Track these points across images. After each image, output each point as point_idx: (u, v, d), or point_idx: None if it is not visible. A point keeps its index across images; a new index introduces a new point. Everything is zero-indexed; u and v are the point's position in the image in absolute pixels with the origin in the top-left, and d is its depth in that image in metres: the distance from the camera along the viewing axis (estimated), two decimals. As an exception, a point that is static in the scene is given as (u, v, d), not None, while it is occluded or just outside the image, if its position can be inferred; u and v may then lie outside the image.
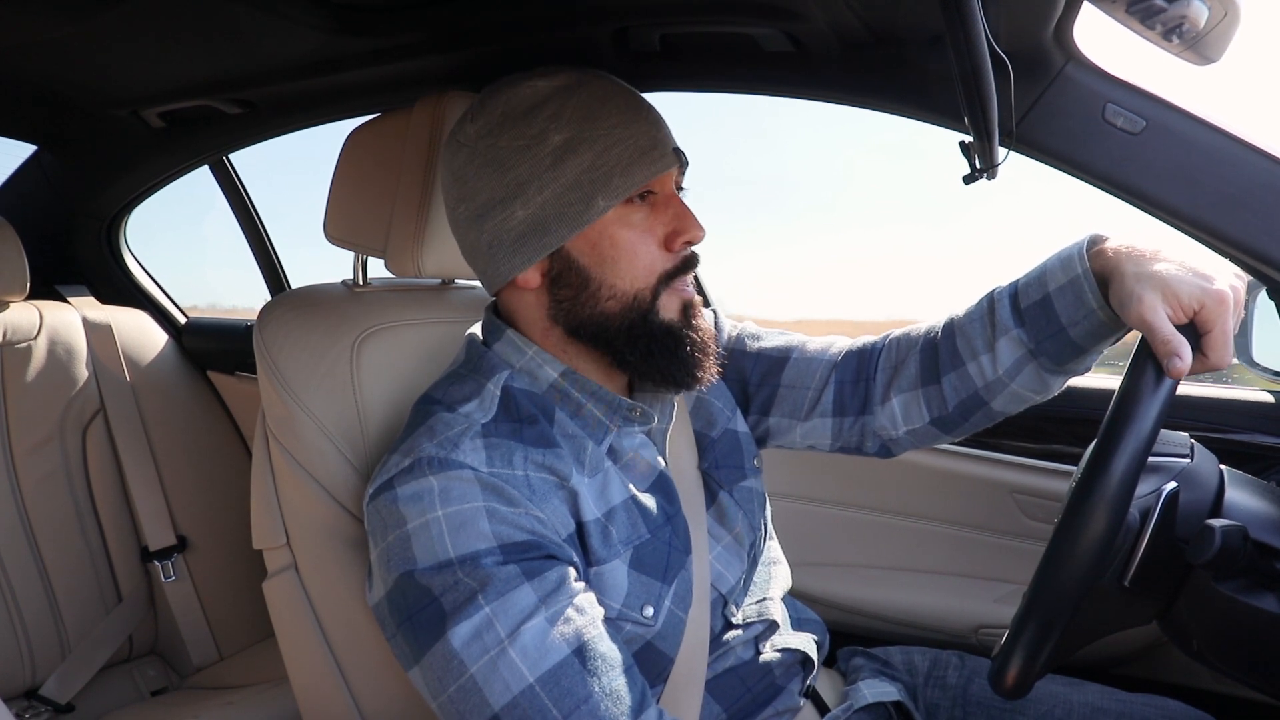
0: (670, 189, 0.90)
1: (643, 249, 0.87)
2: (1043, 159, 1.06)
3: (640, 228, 0.87)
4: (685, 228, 0.88)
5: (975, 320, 0.94)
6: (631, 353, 0.88)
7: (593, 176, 0.84)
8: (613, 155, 0.84)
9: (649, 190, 0.88)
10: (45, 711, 1.62)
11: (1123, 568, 0.82)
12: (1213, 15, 0.82)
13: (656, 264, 0.88)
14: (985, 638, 1.47)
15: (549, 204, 0.85)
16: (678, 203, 0.90)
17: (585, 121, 0.85)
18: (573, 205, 0.85)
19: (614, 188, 0.85)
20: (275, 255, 2.12)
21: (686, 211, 0.89)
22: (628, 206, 0.87)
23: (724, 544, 0.97)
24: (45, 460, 1.70)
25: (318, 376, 0.99)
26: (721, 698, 0.92)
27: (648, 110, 0.89)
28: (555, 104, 0.85)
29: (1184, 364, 0.72)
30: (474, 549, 0.75)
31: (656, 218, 0.88)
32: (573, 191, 0.84)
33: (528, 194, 0.85)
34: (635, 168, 0.85)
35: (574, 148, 0.84)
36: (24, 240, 1.68)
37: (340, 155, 1.11)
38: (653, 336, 0.88)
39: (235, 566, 1.87)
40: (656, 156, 0.86)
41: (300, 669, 1.03)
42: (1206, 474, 0.87)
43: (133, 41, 1.30)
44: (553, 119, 0.85)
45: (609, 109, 0.86)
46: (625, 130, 0.85)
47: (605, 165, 0.84)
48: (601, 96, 0.86)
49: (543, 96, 0.86)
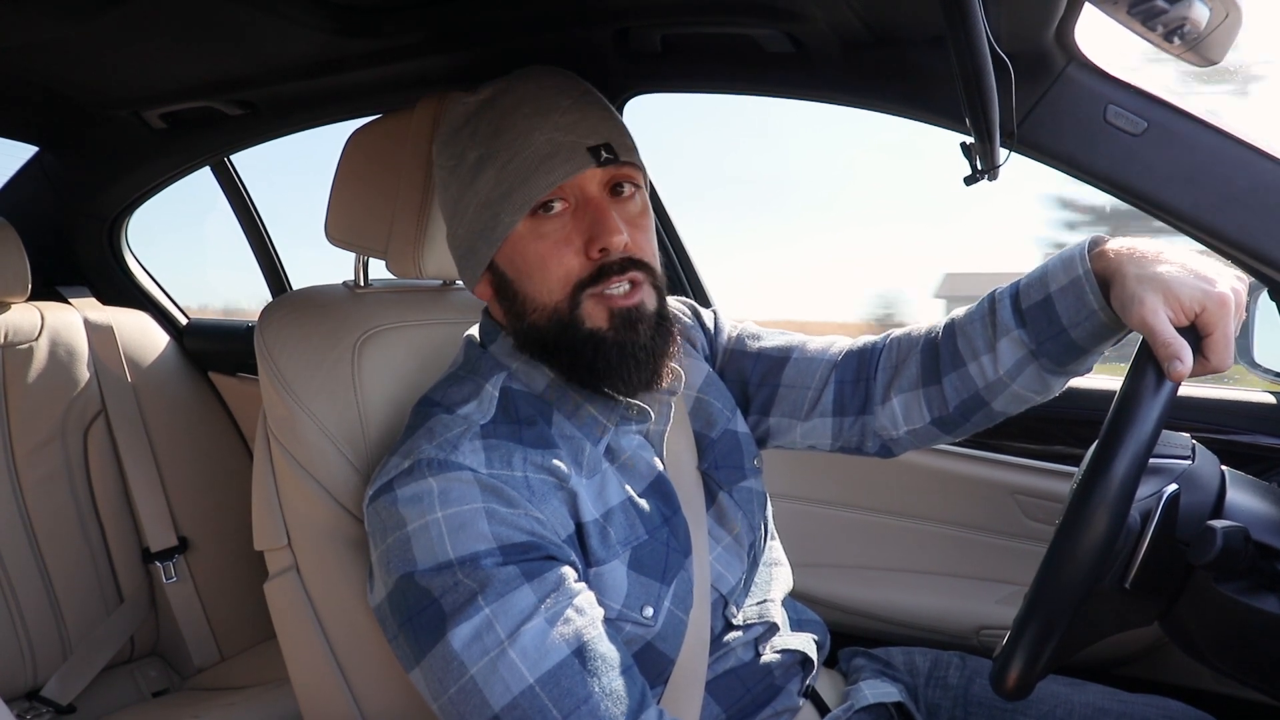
0: (590, 192, 0.86)
1: (554, 260, 0.84)
2: (1044, 160, 1.06)
3: (554, 238, 0.84)
4: (599, 234, 0.83)
5: (976, 320, 0.94)
6: (559, 363, 0.88)
7: (498, 192, 0.84)
8: (512, 168, 0.83)
9: (560, 197, 0.84)
10: (47, 712, 1.62)
11: (1124, 569, 0.82)
12: (1214, 16, 0.82)
13: (571, 273, 0.84)
14: (987, 639, 1.46)
15: (472, 222, 0.87)
16: (595, 207, 0.85)
17: (493, 136, 0.85)
18: (487, 223, 0.86)
19: (514, 202, 0.83)
20: (276, 256, 2.12)
21: (603, 216, 0.84)
22: (538, 218, 0.84)
23: (724, 545, 0.97)
24: (47, 461, 1.70)
25: (319, 378, 0.99)
26: (721, 698, 0.92)
27: (563, 113, 0.85)
28: (475, 120, 0.87)
29: (1185, 367, 0.72)
30: (474, 550, 0.75)
31: (574, 225, 0.85)
32: (486, 209, 0.85)
33: (459, 212, 0.89)
34: (532, 179, 0.83)
35: (482, 165, 0.85)
36: (25, 241, 1.68)
37: (341, 156, 1.11)
38: (575, 347, 0.85)
39: (236, 567, 1.87)
40: (558, 163, 0.83)
41: (301, 670, 1.03)
42: (1208, 475, 0.87)
43: (134, 43, 1.30)
44: (470, 136, 0.86)
45: (514, 119, 0.84)
46: (525, 140, 0.83)
47: (506, 180, 0.83)
48: (512, 106, 0.85)
49: (469, 113, 0.88)
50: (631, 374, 0.86)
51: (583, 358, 0.85)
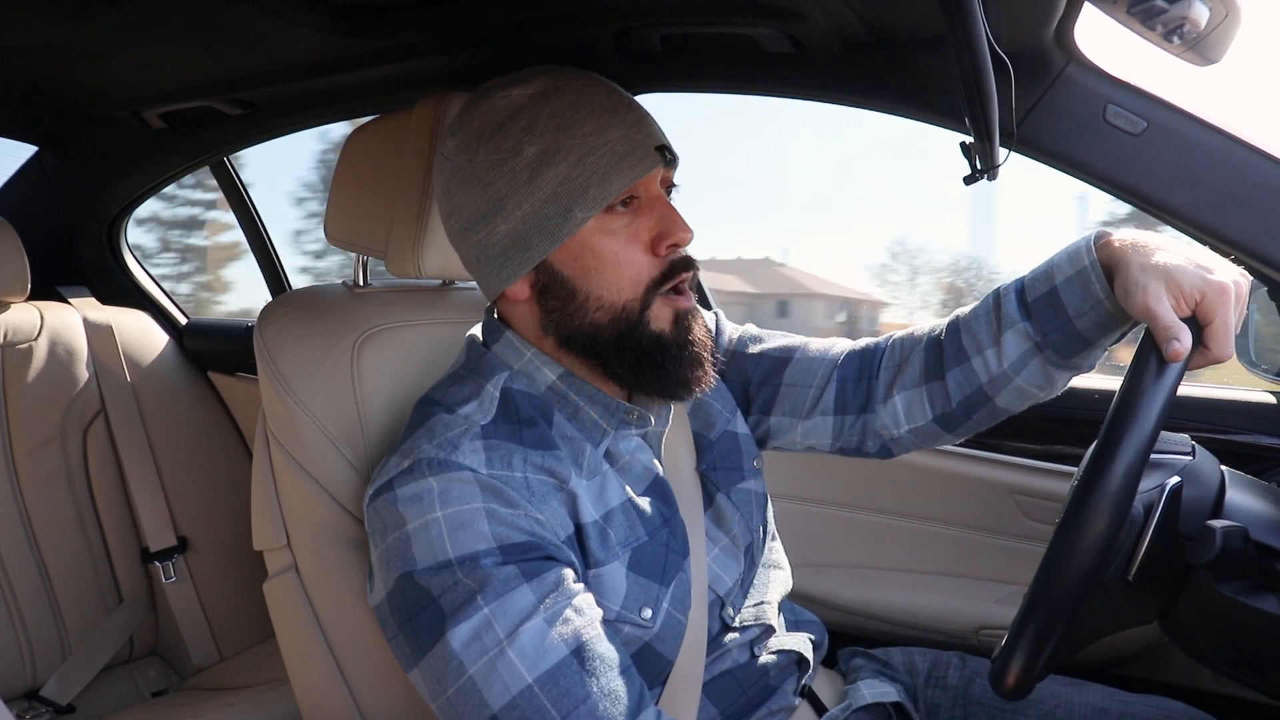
0: (654, 192, 0.88)
1: (626, 257, 0.85)
2: (1044, 160, 1.06)
3: (623, 235, 0.85)
4: (670, 230, 0.85)
5: (981, 316, 0.94)
6: (620, 364, 0.87)
7: (569, 188, 0.83)
8: (587, 164, 0.83)
9: (631, 195, 0.86)
10: (46, 712, 1.62)
11: (1126, 562, 0.82)
12: (1214, 16, 0.82)
13: (643, 272, 0.86)
14: (986, 639, 1.46)
15: (528, 218, 0.84)
16: (663, 205, 0.87)
17: (558, 131, 0.83)
18: (551, 219, 0.84)
19: (591, 198, 0.83)
20: (276, 256, 2.12)
21: (673, 213, 0.87)
22: (608, 215, 0.85)
23: (721, 546, 0.97)
24: (46, 461, 1.70)
25: (318, 377, 0.99)
26: (717, 700, 0.92)
27: (626, 111, 0.86)
28: (529, 114, 0.84)
29: (1183, 346, 0.73)
30: (473, 550, 0.75)
31: (641, 223, 0.86)
32: (550, 205, 0.83)
33: (507, 209, 0.85)
34: (611, 176, 0.83)
35: (548, 160, 0.83)
36: (25, 241, 1.68)
37: (341, 156, 1.11)
38: (641, 348, 0.86)
39: (236, 567, 1.86)
40: (634, 161, 0.84)
41: (301, 670, 1.03)
42: (1208, 473, 0.87)
43: (134, 42, 1.30)
44: (526, 130, 0.84)
45: (582, 115, 0.84)
46: (599, 137, 0.83)
47: (580, 176, 0.83)
48: (575, 103, 0.84)
49: (517, 107, 0.85)
50: (695, 373, 0.88)
51: (650, 358, 0.86)
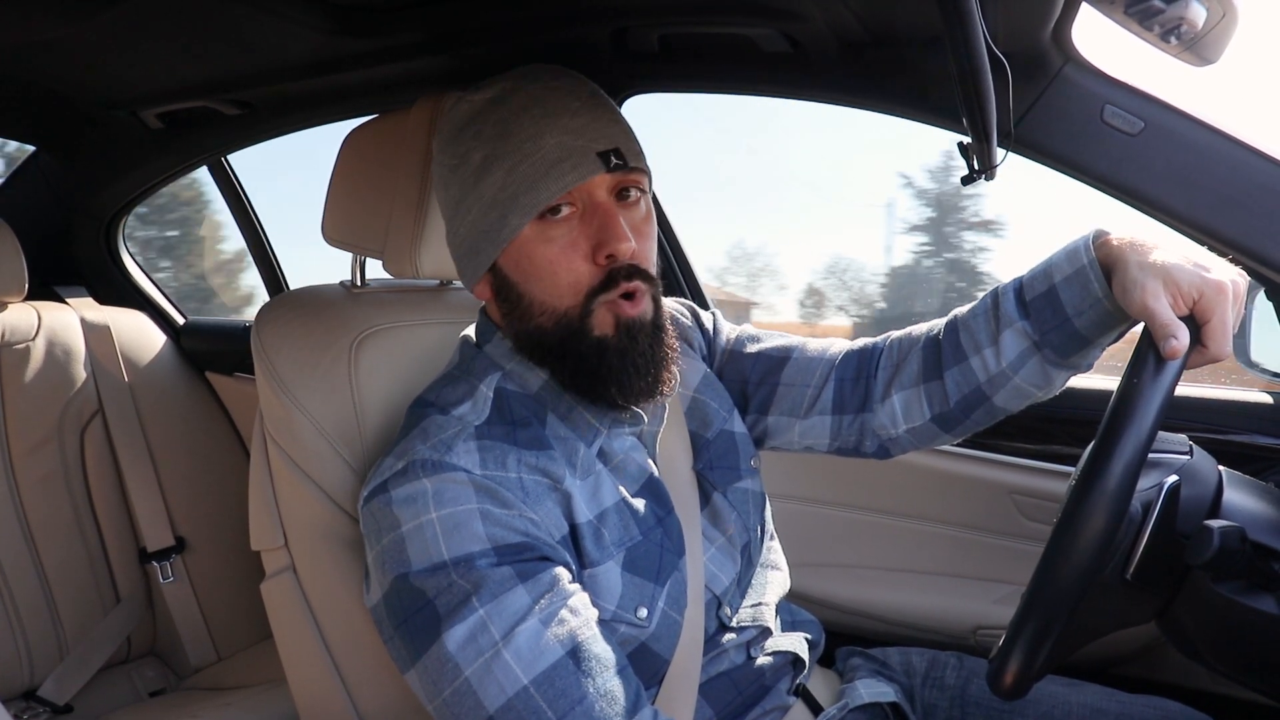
0: (598, 198, 0.85)
1: (563, 265, 0.84)
2: (1041, 160, 1.06)
3: (561, 243, 0.84)
4: (607, 240, 0.83)
5: (979, 315, 0.94)
6: (561, 369, 0.87)
7: (505, 195, 0.83)
8: (520, 171, 0.82)
9: (569, 202, 0.84)
10: (43, 712, 1.62)
11: (1124, 562, 0.82)
12: (1211, 16, 0.82)
13: (583, 280, 0.84)
14: (984, 638, 1.46)
15: (476, 223, 0.86)
16: (604, 213, 0.84)
17: (499, 138, 0.84)
18: (492, 224, 0.85)
19: (522, 205, 0.83)
20: (274, 256, 2.12)
21: (611, 222, 0.83)
22: (546, 222, 0.83)
23: (718, 545, 0.97)
24: (43, 461, 1.70)
25: (316, 378, 0.99)
26: (713, 701, 0.92)
27: (574, 116, 0.84)
28: (480, 120, 0.85)
29: (1180, 344, 0.73)
30: (468, 551, 0.75)
31: (582, 230, 0.84)
32: (491, 211, 0.84)
33: (461, 212, 0.88)
34: (541, 183, 0.82)
35: (489, 166, 0.84)
36: (22, 241, 1.68)
37: (338, 156, 1.11)
38: (580, 354, 0.85)
39: (233, 567, 1.86)
40: (567, 169, 0.82)
41: (298, 670, 1.03)
42: (1206, 472, 0.87)
43: (131, 42, 1.30)
44: (475, 137, 0.85)
45: (523, 121, 0.83)
46: (533, 144, 0.82)
47: (514, 183, 0.83)
48: (521, 107, 0.84)
49: (474, 112, 0.86)
50: (632, 381, 0.86)
51: (587, 363, 0.85)
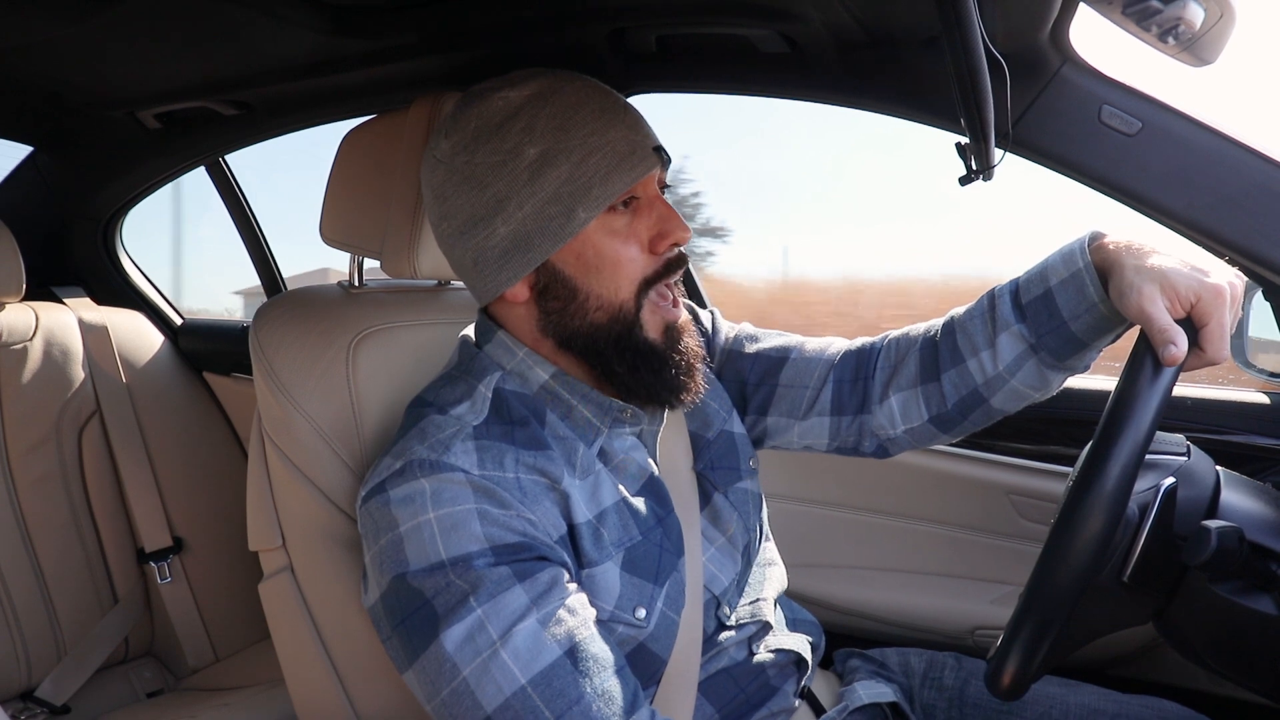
0: (653, 191, 0.89)
1: (626, 255, 0.86)
2: (1039, 160, 1.06)
3: (623, 234, 0.86)
4: (670, 229, 0.87)
5: (976, 317, 0.94)
6: (620, 365, 0.88)
7: (571, 189, 0.83)
8: (589, 165, 0.83)
9: (631, 195, 0.87)
10: (41, 713, 1.61)
11: (1122, 563, 0.82)
12: (1208, 16, 0.82)
13: (640, 270, 0.87)
14: (982, 639, 1.47)
15: (530, 219, 0.84)
16: (661, 204, 0.89)
17: (559, 132, 0.84)
18: (554, 219, 0.84)
19: (594, 198, 0.84)
20: (271, 256, 2.12)
21: (671, 213, 0.88)
22: (609, 214, 0.86)
23: (718, 545, 0.97)
24: (41, 461, 1.70)
25: (313, 378, 0.98)
26: (714, 698, 0.92)
27: (623, 113, 0.87)
28: (528, 115, 0.84)
29: (1179, 351, 0.73)
30: (466, 551, 0.75)
31: (640, 221, 0.87)
32: (553, 205, 0.84)
33: (508, 210, 0.85)
34: (613, 176, 0.84)
35: (550, 160, 0.83)
36: (20, 241, 1.68)
37: (336, 156, 1.11)
38: (639, 352, 0.87)
39: (231, 568, 1.86)
40: (635, 161, 0.85)
41: (296, 670, 1.03)
42: (1203, 474, 0.87)
43: (129, 43, 1.30)
44: (526, 131, 0.84)
45: (582, 116, 0.84)
46: (600, 138, 0.84)
47: (583, 176, 0.83)
48: (574, 104, 0.85)
49: (515, 108, 0.85)
50: (688, 381, 0.90)
51: (650, 366, 0.88)
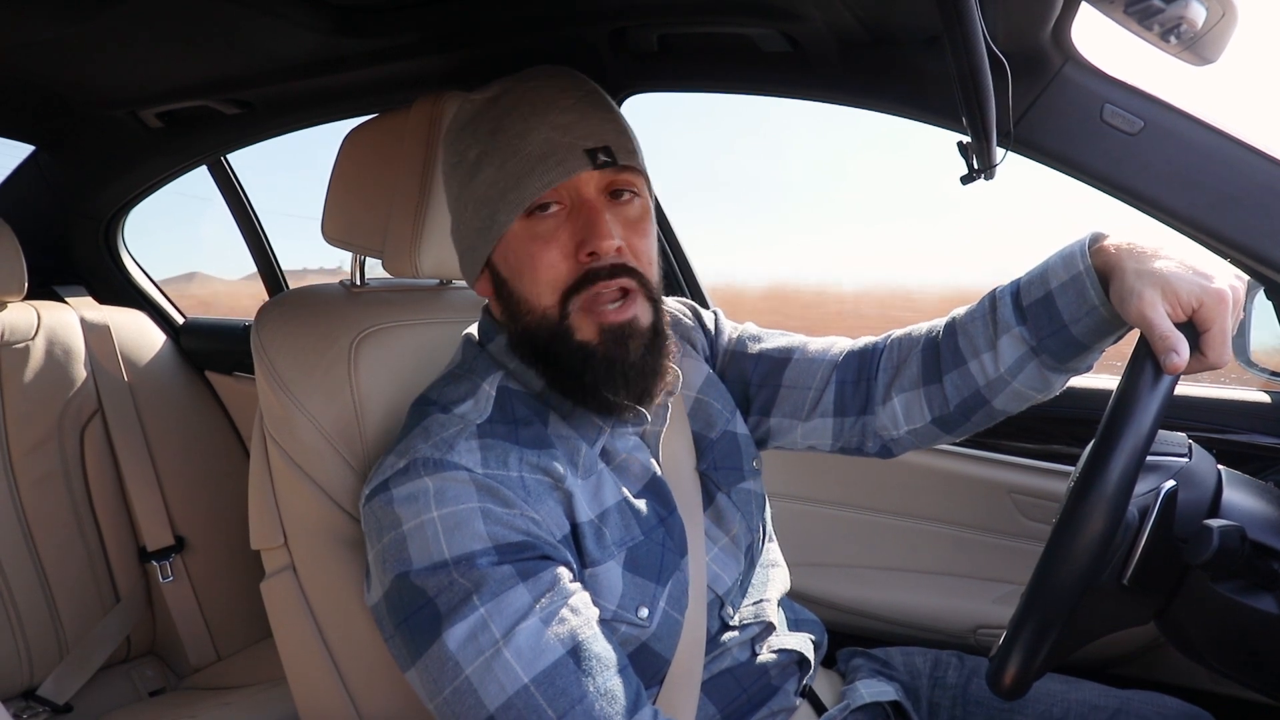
0: (586, 195, 0.84)
1: (545, 261, 0.83)
2: (1041, 159, 1.06)
3: (545, 239, 0.84)
4: (589, 238, 0.82)
5: (977, 319, 0.94)
6: (548, 369, 0.87)
7: (494, 191, 0.84)
8: (509, 168, 0.83)
9: (556, 199, 0.84)
10: (43, 712, 1.62)
11: (1121, 566, 0.82)
12: (1210, 16, 0.82)
13: (560, 277, 0.84)
14: (984, 638, 1.47)
15: (471, 219, 0.88)
16: (588, 210, 0.84)
17: (491, 135, 0.85)
18: (484, 221, 0.86)
19: (509, 201, 0.84)
20: (273, 255, 2.12)
21: (596, 219, 0.83)
22: (534, 218, 0.84)
23: (721, 545, 0.97)
24: (43, 460, 1.70)
25: (315, 377, 0.99)
26: (717, 698, 0.92)
27: (564, 113, 0.84)
28: (477, 120, 0.87)
29: (1181, 359, 0.73)
30: (469, 549, 0.75)
31: (566, 227, 0.84)
32: (483, 207, 0.86)
33: (460, 210, 0.90)
34: (527, 179, 0.82)
35: (481, 164, 0.85)
36: (21, 240, 1.68)
37: (338, 156, 1.11)
38: (563, 356, 0.85)
39: (233, 567, 1.86)
40: (552, 164, 0.82)
41: (298, 669, 1.03)
42: (1204, 473, 0.87)
43: (131, 42, 1.30)
44: (471, 135, 0.87)
45: (513, 118, 0.84)
46: (522, 140, 0.83)
47: (503, 179, 0.84)
48: (512, 105, 0.85)
49: (474, 112, 0.88)
50: (619, 390, 0.85)
51: (570, 368, 0.85)
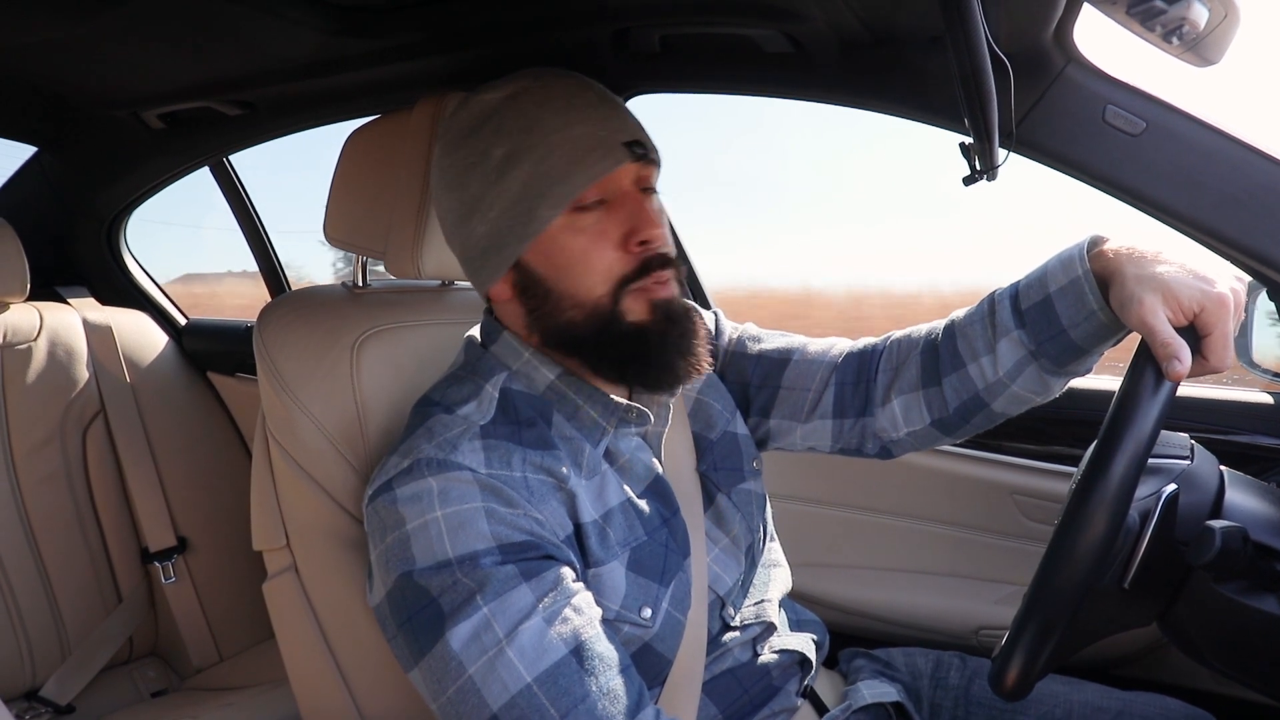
0: (625, 187, 0.86)
1: (596, 254, 0.84)
2: (1043, 160, 1.06)
3: (591, 232, 0.84)
4: (639, 227, 0.84)
5: (976, 322, 0.94)
6: (602, 359, 0.87)
7: (534, 188, 0.83)
8: (550, 163, 0.83)
9: (600, 192, 0.85)
10: (45, 712, 1.62)
11: (1122, 570, 0.82)
12: (1213, 17, 0.82)
13: (614, 268, 0.84)
14: (986, 639, 1.47)
15: (500, 219, 0.85)
16: (633, 201, 0.86)
17: (523, 132, 0.84)
18: (519, 218, 0.84)
19: (554, 196, 0.83)
20: (275, 256, 2.12)
21: (642, 210, 0.85)
22: (576, 213, 0.84)
23: (721, 546, 0.97)
24: (45, 461, 1.70)
25: (317, 378, 0.99)
26: (718, 699, 0.92)
27: (594, 108, 0.86)
28: (498, 117, 0.85)
29: (1183, 367, 0.72)
30: (473, 549, 0.75)
31: (610, 219, 0.85)
32: (518, 205, 0.84)
33: (481, 210, 0.86)
34: (574, 173, 0.83)
35: (514, 160, 0.84)
36: (24, 241, 1.68)
37: (340, 156, 1.11)
38: (621, 341, 0.85)
39: (235, 568, 1.86)
40: (598, 158, 0.83)
41: (300, 670, 1.03)
42: (1206, 475, 0.87)
43: (133, 43, 1.30)
44: (494, 133, 0.85)
45: (546, 114, 0.84)
46: (561, 135, 0.83)
47: (543, 174, 0.83)
48: (541, 101, 0.85)
49: (489, 110, 0.86)
50: (677, 364, 0.87)
51: (629, 351, 0.86)
